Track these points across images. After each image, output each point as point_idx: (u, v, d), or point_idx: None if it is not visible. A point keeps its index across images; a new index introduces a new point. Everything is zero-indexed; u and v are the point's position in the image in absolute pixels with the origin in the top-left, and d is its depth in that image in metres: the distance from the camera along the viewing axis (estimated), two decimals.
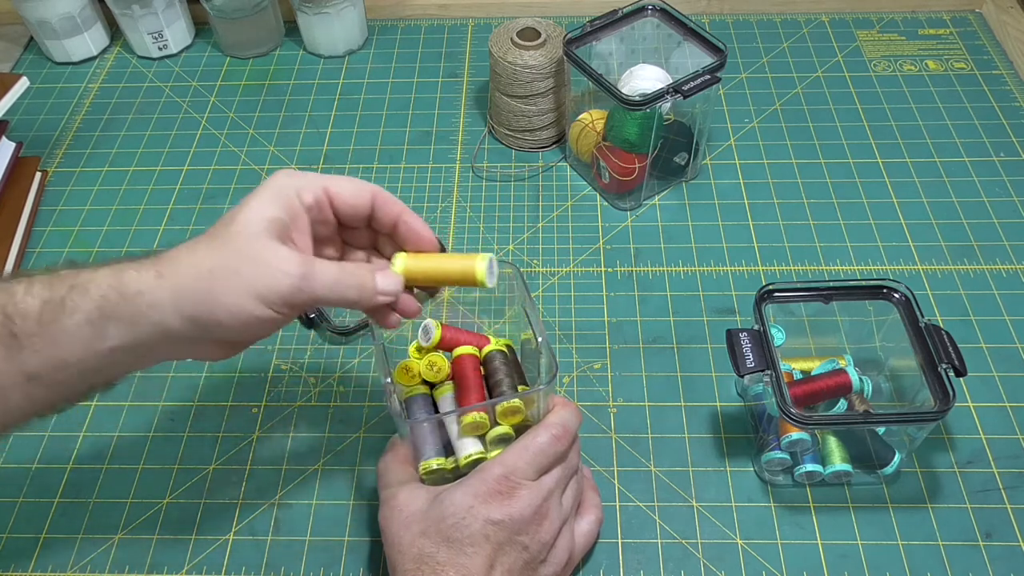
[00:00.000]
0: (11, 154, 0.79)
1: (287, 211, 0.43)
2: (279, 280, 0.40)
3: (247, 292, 0.40)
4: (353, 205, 0.45)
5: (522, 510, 0.46)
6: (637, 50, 0.79)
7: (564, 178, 0.81)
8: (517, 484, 0.47)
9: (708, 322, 0.69)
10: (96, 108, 0.91)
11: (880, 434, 0.58)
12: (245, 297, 0.40)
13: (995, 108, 0.86)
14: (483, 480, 0.47)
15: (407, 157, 0.84)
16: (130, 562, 0.57)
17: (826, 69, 0.91)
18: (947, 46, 0.93)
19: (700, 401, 0.64)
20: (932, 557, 0.55)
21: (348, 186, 0.45)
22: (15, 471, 0.62)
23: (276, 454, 0.62)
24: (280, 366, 0.67)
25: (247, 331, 0.42)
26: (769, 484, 0.59)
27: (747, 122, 0.86)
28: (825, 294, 0.58)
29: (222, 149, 0.85)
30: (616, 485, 0.59)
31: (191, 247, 0.42)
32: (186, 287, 0.40)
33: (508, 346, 0.58)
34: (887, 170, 0.80)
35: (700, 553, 0.56)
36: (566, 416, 0.51)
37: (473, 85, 0.91)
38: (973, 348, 0.66)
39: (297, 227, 0.44)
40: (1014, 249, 0.73)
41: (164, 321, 0.40)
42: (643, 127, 0.71)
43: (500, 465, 0.47)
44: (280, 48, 0.97)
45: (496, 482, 0.47)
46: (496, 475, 0.47)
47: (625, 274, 0.73)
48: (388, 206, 0.46)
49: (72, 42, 0.94)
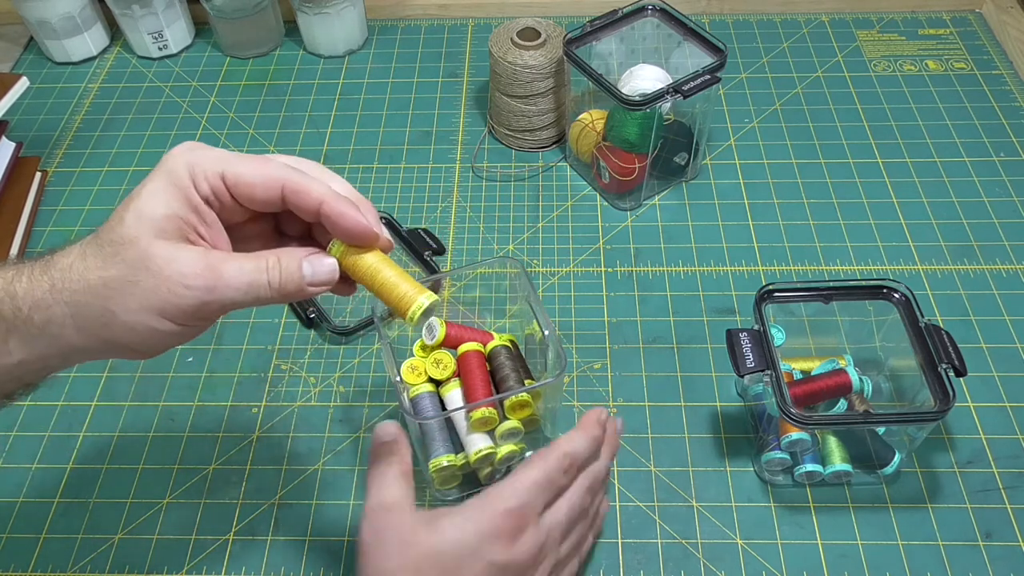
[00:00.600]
0: (11, 154, 0.79)
1: (185, 202, 0.36)
2: (180, 295, 0.35)
3: (146, 308, 0.35)
4: (258, 197, 0.37)
5: (524, 553, 0.42)
6: (637, 50, 0.79)
7: (564, 178, 0.81)
8: (524, 523, 0.42)
9: (708, 322, 0.69)
10: (96, 108, 0.91)
11: (880, 434, 0.58)
12: (144, 314, 0.35)
13: (995, 108, 0.86)
14: (490, 516, 0.42)
15: (407, 157, 0.84)
16: (130, 562, 0.57)
17: (826, 69, 0.91)
18: (947, 46, 0.93)
19: (700, 401, 0.64)
20: (932, 557, 0.55)
21: (251, 173, 0.37)
22: (15, 471, 0.62)
23: (276, 454, 0.62)
24: (280, 366, 0.67)
25: (155, 345, 0.37)
26: (769, 484, 0.59)
27: (747, 122, 0.86)
28: (825, 294, 0.58)
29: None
30: (616, 485, 0.59)
31: (82, 252, 0.36)
32: (80, 303, 0.35)
33: (512, 341, 0.58)
34: (887, 170, 0.80)
35: (700, 553, 0.56)
36: (578, 443, 0.46)
37: (473, 85, 0.91)
38: (973, 348, 0.66)
39: (202, 219, 0.37)
40: (1014, 249, 0.73)
41: (64, 336, 0.36)
42: (643, 127, 0.71)
43: (510, 498, 0.42)
44: (280, 48, 0.97)
45: (503, 518, 0.41)
46: (503, 511, 0.42)
47: (625, 274, 0.72)
48: (302, 198, 0.37)
49: (72, 42, 0.94)
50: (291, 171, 0.37)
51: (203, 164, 0.36)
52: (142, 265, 0.35)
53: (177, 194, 0.36)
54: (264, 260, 0.37)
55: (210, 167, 0.36)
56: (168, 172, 0.36)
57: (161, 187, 0.36)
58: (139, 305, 0.35)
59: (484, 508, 0.42)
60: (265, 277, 0.37)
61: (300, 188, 0.37)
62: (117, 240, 0.35)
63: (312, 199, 0.37)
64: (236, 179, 0.36)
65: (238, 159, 0.37)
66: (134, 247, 0.35)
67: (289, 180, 0.37)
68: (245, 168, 0.37)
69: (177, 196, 0.36)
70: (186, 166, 0.36)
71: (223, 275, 0.36)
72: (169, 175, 0.36)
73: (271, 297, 0.37)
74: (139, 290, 0.35)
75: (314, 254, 0.39)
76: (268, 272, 0.37)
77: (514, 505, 0.42)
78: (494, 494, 0.42)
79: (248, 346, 0.68)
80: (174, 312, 0.35)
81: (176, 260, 0.35)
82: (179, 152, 0.37)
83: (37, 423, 0.64)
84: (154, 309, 0.35)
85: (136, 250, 0.35)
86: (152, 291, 0.35)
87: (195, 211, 0.36)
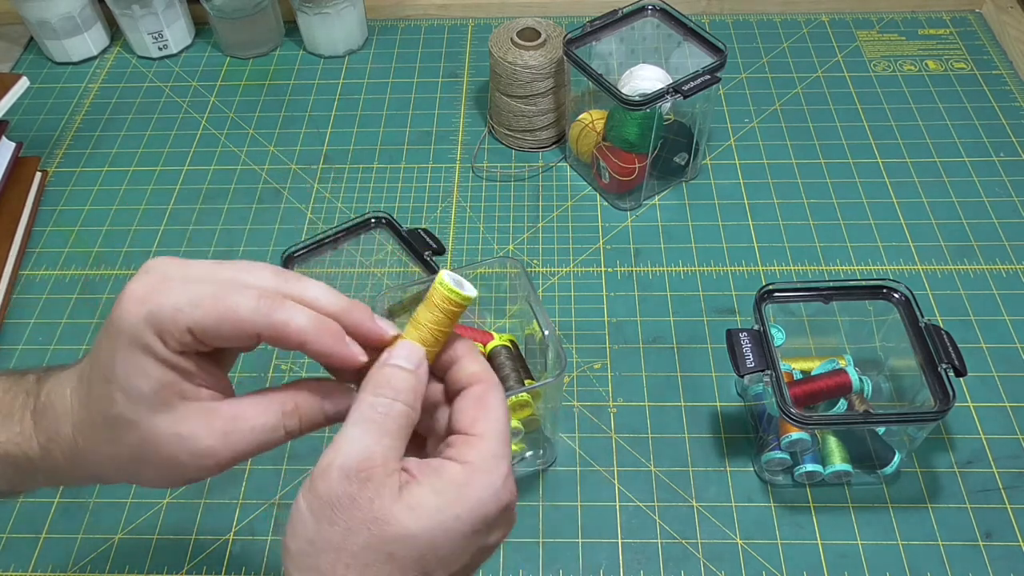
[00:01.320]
0: (11, 154, 0.79)
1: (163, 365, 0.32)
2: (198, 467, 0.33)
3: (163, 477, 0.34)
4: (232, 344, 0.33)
5: (507, 532, 0.36)
6: (637, 50, 0.79)
7: (564, 178, 0.81)
8: (513, 501, 0.35)
9: (708, 322, 0.69)
10: (96, 108, 0.91)
11: (880, 434, 0.58)
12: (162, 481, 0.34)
13: (995, 108, 0.86)
14: (479, 503, 0.33)
15: (407, 157, 0.84)
16: (130, 562, 0.57)
17: (826, 69, 0.91)
18: (947, 46, 0.93)
19: (700, 401, 0.64)
20: (932, 557, 0.55)
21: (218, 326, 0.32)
22: None
23: (276, 454, 0.62)
24: (280, 366, 0.67)
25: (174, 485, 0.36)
26: (769, 484, 0.59)
27: (747, 122, 0.86)
28: (825, 294, 0.58)
29: (222, 149, 0.85)
30: (616, 485, 0.59)
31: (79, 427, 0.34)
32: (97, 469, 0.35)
33: (512, 341, 0.58)
34: (887, 170, 0.80)
35: (700, 553, 0.56)
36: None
37: (473, 85, 0.91)
38: (973, 348, 0.66)
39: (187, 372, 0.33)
40: (1014, 249, 0.73)
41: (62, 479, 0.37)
42: (643, 127, 0.71)
43: (502, 489, 0.33)
44: (280, 48, 0.97)
45: (496, 509, 0.33)
46: (497, 506, 0.33)
47: (625, 274, 0.72)
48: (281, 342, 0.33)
49: (72, 42, 0.94)
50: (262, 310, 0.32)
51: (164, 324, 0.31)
52: (151, 448, 0.33)
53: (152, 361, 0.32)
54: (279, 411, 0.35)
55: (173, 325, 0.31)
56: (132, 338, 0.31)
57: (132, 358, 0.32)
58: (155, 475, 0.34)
59: (471, 492, 0.33)
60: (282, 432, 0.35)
61: (277, 334, 0.32)
62: (112, 422, 0.33)
63: (293, 343, 0.33)
64: (203, 334, 0.32)
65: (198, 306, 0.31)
66: (135, 431, 0.32)
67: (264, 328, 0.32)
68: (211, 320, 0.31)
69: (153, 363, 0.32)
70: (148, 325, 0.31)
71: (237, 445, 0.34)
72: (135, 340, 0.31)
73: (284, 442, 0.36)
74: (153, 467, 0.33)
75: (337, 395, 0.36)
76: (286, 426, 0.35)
77: (507, 499, 0.34)
78: (480, 475, 0.33)
79: None
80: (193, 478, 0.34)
81: (183, 440, 0.33)
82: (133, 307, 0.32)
83: None
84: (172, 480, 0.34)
85: (139, 433, 0.32)
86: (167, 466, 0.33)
87: (176, 368, 0.32)
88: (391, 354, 0.34)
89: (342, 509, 0.31)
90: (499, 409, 0.35)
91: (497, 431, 0.34)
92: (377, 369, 0.34)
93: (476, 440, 0.34)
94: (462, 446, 0.34)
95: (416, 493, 0.32)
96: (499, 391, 0.35)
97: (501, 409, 0.35)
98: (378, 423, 0.32)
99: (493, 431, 0.34)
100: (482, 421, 0.34)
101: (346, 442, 0.32)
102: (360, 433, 0.32)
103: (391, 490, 0.32)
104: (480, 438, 0.34)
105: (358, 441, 0.32)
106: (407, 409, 0.33)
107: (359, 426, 0.32)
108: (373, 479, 0.31)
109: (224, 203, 0.80)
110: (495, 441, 0.34)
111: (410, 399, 0.33)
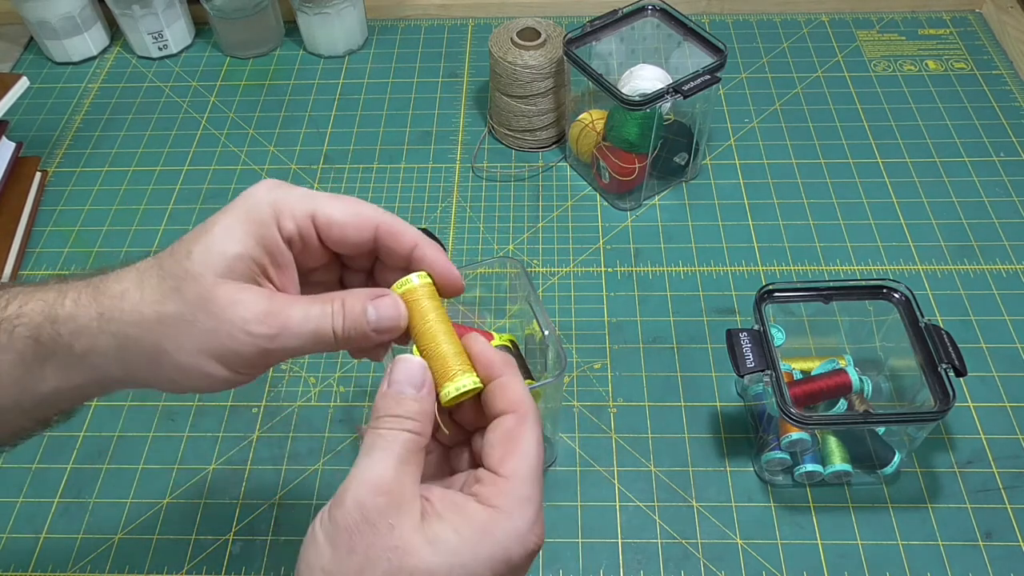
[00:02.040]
0: (11, 154, 0.79)
1: (262, 242, 0.33)
2: (241, 342, 0.32)
3: (202, 351, 0.32)
4: (349, 240, 0.35)
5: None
6: (637, 50, 0.79)
7: (564, 178, 0.81)
8: (541, 535, 0.33)
9: (708, 322, 0.69)
10: (96, 108, 0.91)
11: (880, 434, 0.58)
12: (199, 356, 0.33)
13: (995, 108, 0.86)
14: (504, 536, 0.32)
15: (407, 157, 0.84)
16: (130, 562, 0.57)
17: (826, 69, 0.91)
18: (947, 46, 0.93)
19: (700, 401, 0.64)
20: (932, 557, 0.55)
21: (343, 214, 0.34)
22: (15, 471, 0.62)
23: (276, 454, 0.62)
24: (280, 366, 0.67)
25: (205, 389, 0.34)
26: (769, 484, 0.59)
27: (747, 122, 0.86)
28: (825, 294, 0.58)
29: (222, 149, 0.85)
30: (616, 485, 0.59)
31: (139, 281, 0.33)
32: (129, 336, 0.33)
33: (512, 341, 0.58)
34: (887, 170, 0.80)
35: (700, 553, 0.56)
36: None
37: (473, 85, 0.91)
38: (973, 348, 0.66)
39: (276, 262, 0.34)
40: (1014, 249, 0.73)
41: (105, 368, 0.34)
42: (643, 127, 0.71)
43: (528, 520, 0.32)
44: (280, 48, 0.97)
45: (517, 542, 0.32)
46: (520, 538, 0.32)
47: (625, 274, 0.72)
48: (397, 240, 0.35)
49: (72, 42, 0.94)
50: (383, 212, 0.35)
51: (291, 203, 0.34)
52: (202, 305, 0.32)
53: (255, 232, 0.33)
54: (330, 304, 0.34)
55: (299, 206, 0.34)
56: (249, 209, 0.33)
57: (239, 223, 0.33)
58: (195, 347, 0.32)
59: (493, 538, 0.31)
60: (330, 323, 0.33)
61: (395, 230, 0.35)
62: (180, 274, 0.32)
63: (407, 240, 0.35)
64: (328, 219, 0.34)
65: (328, 199, 0.34)
66: (197, 284, 0.32)
67: (383, 222, 0.35)
68: (337, 208, 0.34)
69: (254, 235, 0.33)
70: (271, 204, 0.34)
71: (288, 322, 0.33)
72: (249, 212, 0.33)
73: (335, 346, 0.34)
74: (196, 331, 0.32)
75: (380, 296, 0.35)
76: (333, 318, 0.34)
77: (533, 544, 0.32)
78: (505, 521, 0.32)
79: None
80: (232, 359, 0.33)
81: (239, 303, 0.32)
82: (264, 189, 0.34)
83: None
84: (211, 353, 0.33)
85: (198, 287, 0.32)
86: (210, 334, 0.32)
87: (270, 252, 0.34)
88: (391, 378, 0.34)
89: (361, 536, 0.30)
90: (532, 446, 0.33)
91: (527, 472, 0.33)
92: (380, 397, 0.33)
93: (503, 482, 0.32)
94: (490, 485, 0.32)
95: (437, 529, 0.31)
96: (533, 424, 0.34)
97: (534, 445, 0.33)
98: (388, 450, 0.32)
99: (523, 472, 0.33)
100: (511, 460, 0.33)
101: (359, 471, 0.32)
102: (371, 462, 0.32)
103: (411, 517, 0.31)
104: (508, 480, 0.32)
105: (371, 469, 0.32)
106: (414, 436, 0.33)
107: (370, 455, 0.32)
108: (392, 504, 0.31)
109: (224, 203, 0.80)
110: (524, 484, 0.32)
111: (417, 426, 0.33)
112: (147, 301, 0.33)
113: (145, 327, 0.33)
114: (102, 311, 0.33)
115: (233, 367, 0.33)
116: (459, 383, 0.34)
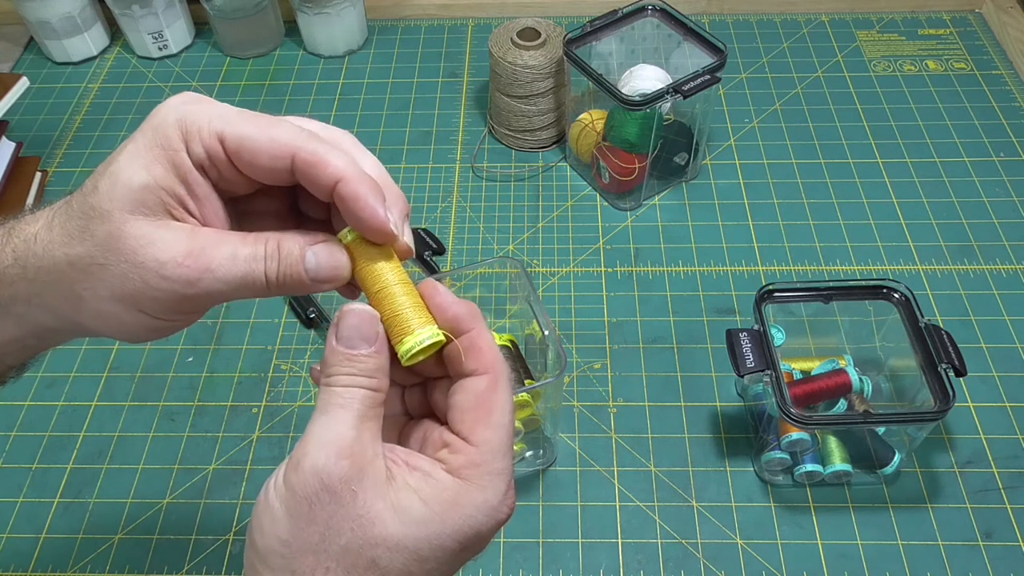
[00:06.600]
0: (11, 154, 0.79)
1: (170, 167, 0.29)
2: (156, 286, 0.29)
3: (116, 297, 0.29)
4: (262, 167, 0.30)
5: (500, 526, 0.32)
6: (637, 50, 0.79)
7: (564, 178, 0.81)
8: (511, 505, 0.32)
9: (708, 322, 0.69)
10: (96, 108, 0.91)
11: (880, 434, 0.58)
12: (113, 303, 0.29)
13: (995, 108, 0.85)
14: (476, 509, 0.30)
15: (407, 157, 0.84)
16: (130, 562, 0.57)
17: (826, 69, 0.91)
18: (947, 46, 0.93)
19: (700, 401, 0.64)
20: (932, 557, 0.55)
21: (256, 136, 0.29)
22: (15, 471, 0.62)
23: (276, 454, 0.62)
24: (280, 366, 0.67)
25: (132, 336, 0.31)
26: (769, 484, 0.59)
27: (747, 122, 0.86)
28: (825, 294, 0.58)
29: None
30: (616, 485, 0.59)
31: (48, 222, 0.30)
32: (46, 282, 0.30)
33: (512, 341, 0.58)
34: (887, 170, 0.80)
35: (700, 553, 0.56)
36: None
37: (473, 85, 0.91)
38: (973, 348, 0.66)
39: (193, 192, 0.30)
40: (1014, 249, 0.73)
41: (32, 316, 0.31)
42: (643, 127, 0.71)
43: (499, 494, 0.30)
44: (280, 48, 0.97)
45: (489, 515, 0.30)
46: (493, 515, 0.30)
47: (625, 274, 0.72)
48: (315, 172, 0.29)
49: (72, 42, 0.94)
50: (308, 138, 0.30)
51: (198, 122, 0.29)
52: (113, 246, 0.29)
53: (162, 158, 0.29)
54: (263, 245, 0.30)
55: (206, 126, 0.29)
56: (154, 129, 0.29)
57: (144, 149, 0.29)
58: (109, 293, 0.29)
59: (462, 510, 0.30)
60: (262, 267, 0.30)
61: (315, 160, 0.29)
62: (88, 212, 0.29)
63: (327, 175, 0.29)
64: (238, 143, 0.29)
65: (242, 118, 0.29)
66: (105, 222, 0.29)
67: (302, 149, 0.29)
68: (249, 130, 0.29)
69: (161, 160, 0.29)
70: (178, 124, 0.29)
71: (210, 264, 0.29)
72: (155, 133, 0.29)
73: (267, 292, 0.30)
74: (108, 275, 0.29)
75: (321, 243, 0.31)
76: (266, 262, 0.30)
77: (504, 516, 0.31)
78: (475, 492, 0.30)
79: (248, 346, 0.68)
80: (151, 305, 0.29)
81: (153, 242, 0.28)
82: (173, 104, 0.30)
83: (37, 423, 0.64)
84: (125, 299, 0.29)
85: (107, 226, 0.29)
86: (123, 278, 0.29)
87: (183, 180, 0.29)
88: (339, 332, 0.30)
89: (322, 505, 0.28)
90: (505, 414, 0.31)
91: (499, 443, 0.30)
92: (330, 352, 0.30)
93: (475, 453, 0.30)
94: (460, 454, 0.30)
95: (403, 498, 0.29)
96: (505, 387, 0.31)
97: (508, 413, 0.31)
98: (346, 408, 0.29)
99: (495, 443, 0.30)
100: (482, 428, 0.30)
101: (316, 432, 0.29)
102: (328, 421, 0.29)
103: (375, 481, 0.29)
104: (479, 451, 0.30)
105: (329, 429, 0.29)
106: (372, 393, 0.30)
107: (326, 414, 0.29)
108: (354, 468, 0.28)
109: None
110: (496, 455, 0.30)
111: (374, 383, 0.30)
112: (56, 243, 0.30)
113: (57, 271, 0.30)
114: (16, 257, 0.30)
115: (152, 313, 0.30)
116: (420, 337, 0.30)
